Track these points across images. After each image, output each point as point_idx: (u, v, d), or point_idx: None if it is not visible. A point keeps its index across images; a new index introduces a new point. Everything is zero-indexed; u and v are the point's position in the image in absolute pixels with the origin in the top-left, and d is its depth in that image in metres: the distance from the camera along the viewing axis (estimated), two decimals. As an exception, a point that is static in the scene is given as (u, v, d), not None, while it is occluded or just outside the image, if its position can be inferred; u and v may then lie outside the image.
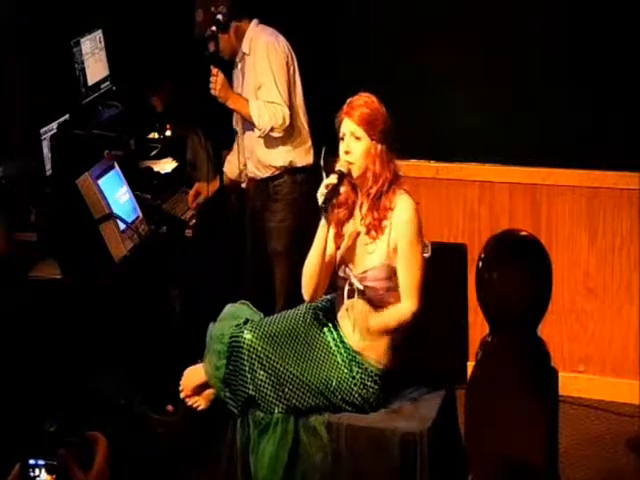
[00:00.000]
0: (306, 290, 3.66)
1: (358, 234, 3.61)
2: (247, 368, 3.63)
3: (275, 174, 4.84)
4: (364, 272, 3.58)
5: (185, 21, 4.83)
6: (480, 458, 3.42)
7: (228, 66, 4.83)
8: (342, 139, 3.60)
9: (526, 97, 4.93)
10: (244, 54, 4.79)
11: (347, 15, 5.18)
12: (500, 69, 4.93)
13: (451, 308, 3.68)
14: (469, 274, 3.71)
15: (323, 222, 3.52)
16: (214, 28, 4.63)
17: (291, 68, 4.78)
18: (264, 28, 4.80)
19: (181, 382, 3.84)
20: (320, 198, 3.45)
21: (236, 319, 3.75)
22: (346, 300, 3.60)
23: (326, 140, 4.93)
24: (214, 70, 4.65)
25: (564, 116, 4.88)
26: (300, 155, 4.85)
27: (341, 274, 3.63)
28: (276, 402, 3.61)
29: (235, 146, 4.98)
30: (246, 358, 3.63)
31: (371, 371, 3.62)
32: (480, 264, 3.35)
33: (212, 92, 4.66)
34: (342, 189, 3.52)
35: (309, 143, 4.87)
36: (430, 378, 3.81)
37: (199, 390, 3.82)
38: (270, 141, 4.78)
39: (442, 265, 3.73)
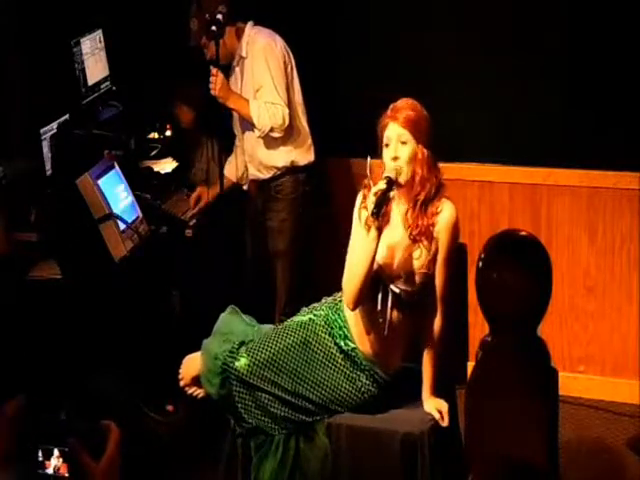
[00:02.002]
0: (352, 300, 3.50)
1: (400, 241, 3.51)
2: (239, 405, 3.62)
3: (277, 174, 4.84)
4: (400, 275, 3.50)
5: (186, 21, 4.83)
6: (480, 458, 3.43)
7: (226, 67, 4.84)
8: (387, 145, 3.48)
9: (526, 97, 4.93)
10: (242, 57, 4.78)
11: (347, 15, 5.18)
12: (500, 69, 4.93)
13: (451, 308, 3.67)
14: (469, 274, 3.71)
15: (373, 235, 3.36)
16: (214, 28, 4.63)
17: (289, 67, 4.78)
18: (260, 30, 4.80)
19: (180, 371, 3.82)
20: (370, 206, 3.32)
21: (230, 342, 3.68)
22: (380, 305, 3.51)
23: (326, 139, 4.97)
24: (214, 70, 4.66)
25: (564, 116, 4.88)
26: (301, 154, 4.85)
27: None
28: (275, 426, 3.61)
29: (235, 148, 4.98)
30: (236, 396, 3.62)
31: (376, 378, 3.61)
32: (480, 264, 3.35)
33: (212, 92, 4.66)
34: (392, 194, 3.39)
35: (309, 141, 4.87)
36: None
37: (198, 379, 3.79)
38: (271, 142, 4.77)
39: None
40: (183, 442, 4.50)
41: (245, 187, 5.01)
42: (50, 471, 1.49)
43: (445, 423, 3.57)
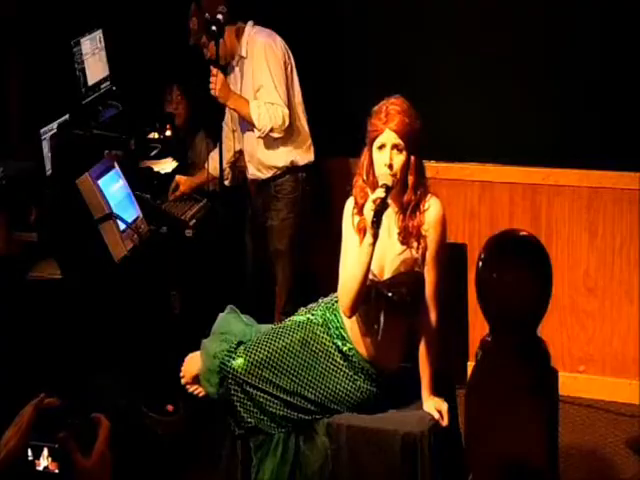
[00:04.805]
0: (349, 307, 3.50)
1: (390, 245, 3.51)
2: (238, 404, 3.62)
3: (277, 174, 4.84)
4: (392, 279, 3.52)
5: (186, 21, 4.83)
6: (480, 458, 3.42)
7: (226, 67, 4.84)
8: (380, 148, 3.47)
9: (526, 97, 4.93)
10: (241, 57, 4.78)
11: (347, 15, 5.18)
12: (500, 69, 4.93)
13: (451, 308, 3.67)
14: (469, 274, 3.71)
15: (370, 240, 3.37)
16: (214, 28, 4.63)
17: (289, 67, 4.78)
18: (260, 30, 4.80)
19: (182, 369, 3.82)
20: (370, 214, 3.32)
21: (228, 341, 3.68)
22: (373, 311, 3.51)
23: (326, 139, 4.97)
24: (214, 70, 4.65)
25: (564, 116, 4.88)
26: (301, 154, 4.85)
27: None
28: (273, 425, 3.61)
29: (220, 144, 4.92)
30: (235, 395, 3.62)
31: (374, 378, 3.61)
32: (480, 264, 3.35)
33: (212, 92, 4.66)
34: (389, 201, 3.39)
35: (309, 141, 4.87)
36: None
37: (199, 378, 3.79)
38: (271, 142, 4.77)
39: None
40: (183, 442, 4.50)
41: (227, 182, 4.98)
42: (40, 469, 1.49)
43: (445, 423, 3.57)
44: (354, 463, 3.56)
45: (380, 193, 3.35)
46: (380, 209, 3.32)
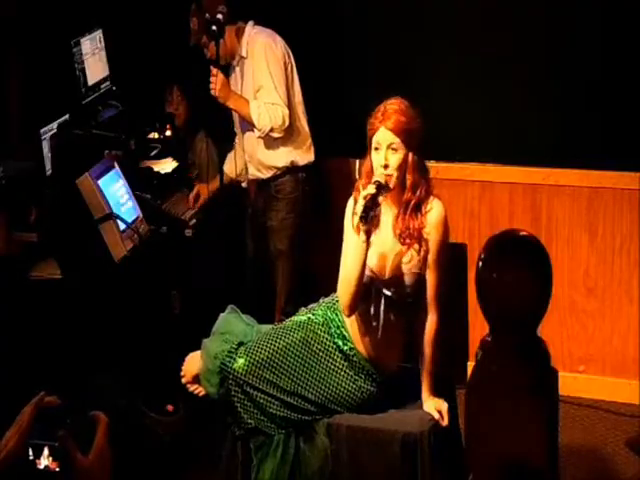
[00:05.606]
0: (348, 305, 3.51)
1: (391, 245, 3.52)
2: (238, 405, 3.62)
3: (277, 174, 4.85)
4: (392, 278, 3.52)
5: (186, 21, 4.83)
6: (480, 458, 3.43)
7: (227, 67, 4.84)
8: (377, 149, 3.47)
9: (526, 97, 4.93)
10: (242, 57, 4.78)
11: (348, 15, 5.18)
12: (500, 69, 4.93)
13: (451, 308, 3.67)
14: (469, 274, 3.71)
15: (363, 238, 3.37)
16: (214, 28, 4.63)
17: (289, 67, 4.78)
18: (261, 30, 4.80)
19: (182, 368, 3.82)
20: (359, 209, 3.32)
21: (229, 342, 3.69)
22: (373, 309, 3.52)
23: (326, 139, 4.97)
24: (214, 70, 4.65)
25: (564, 116, 4.88)
26: (301, 154, 4.85)
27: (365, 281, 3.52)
28: (273, 426, 3.61)
29: (235, 145, 4.99)
30: (235, 396, 3.62)
31: (375, 378, 3.61)
32: (480, 264, 3.35)
33: (212, 92, 4.66)
34: (381, 199, 3.38)
35: (309, 141, 4.87)
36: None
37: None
38: (271, 142, 4.77)
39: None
40: (183, 442, 4.50)
41: (244, 184, 5.01)
42: (40, 468, 1.49)
43: (445, 423, 3.57)
44: (354, 463, 3.57)
45: (371, 189, 3.35)
46: (370, 205, 3.32)
